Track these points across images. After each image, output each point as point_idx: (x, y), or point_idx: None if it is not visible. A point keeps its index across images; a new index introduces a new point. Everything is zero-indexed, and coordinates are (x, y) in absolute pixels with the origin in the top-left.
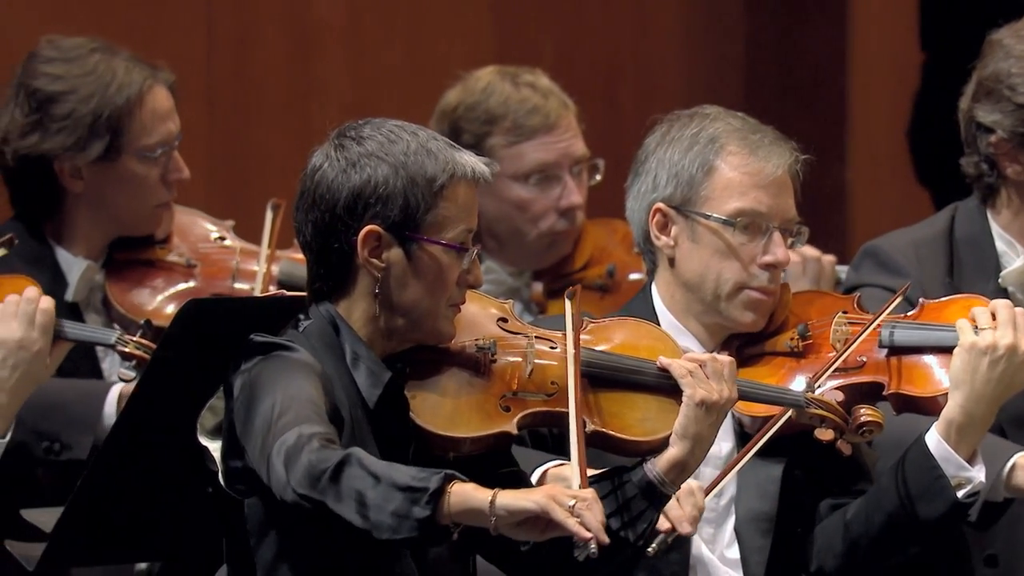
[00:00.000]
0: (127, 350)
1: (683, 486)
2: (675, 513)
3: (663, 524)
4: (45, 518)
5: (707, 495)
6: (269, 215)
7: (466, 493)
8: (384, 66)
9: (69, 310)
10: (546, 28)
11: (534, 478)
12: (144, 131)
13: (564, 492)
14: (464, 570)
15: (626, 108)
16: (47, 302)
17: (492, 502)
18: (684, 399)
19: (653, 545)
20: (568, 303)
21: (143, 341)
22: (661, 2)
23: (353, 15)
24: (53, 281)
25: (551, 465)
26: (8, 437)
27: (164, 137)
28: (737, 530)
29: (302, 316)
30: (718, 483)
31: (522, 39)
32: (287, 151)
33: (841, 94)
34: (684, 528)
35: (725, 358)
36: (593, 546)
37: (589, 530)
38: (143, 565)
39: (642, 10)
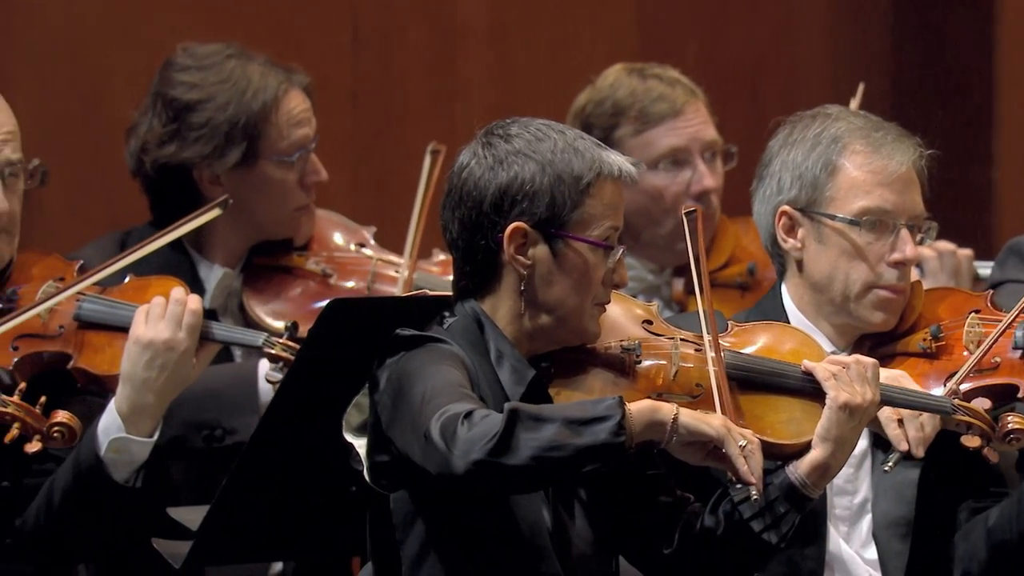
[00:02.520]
0: (274, 352)
1: (925, 413)
2: (914, 434)
3: (902, 445)
4: (191, 516)
5: None
6: (427, 161)
7: (649, 409)
8: (528, 67)
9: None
10: (690, 27)
11: None
12: (280, 135)
13: (737, 429)
14: (607, 570)
15: (770, 106)
16: (195, 303)
17: (675, 418)
18: (827, 401)
19: (890, 463)
20: (686, 221)
21: (290, 343)
22: None
23: (497, 15)
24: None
25: None
26: (155, 437)
27: (300, 140)
28: (875, 534)
29: (447, 313)
30: None
31: (666, 38)
32: None
33: (988, 92)
34: (919, 452)
35: (869, 360)
36: (755, 492)
37: (753, 475)
38: (279, 565)
39: (786, 8)
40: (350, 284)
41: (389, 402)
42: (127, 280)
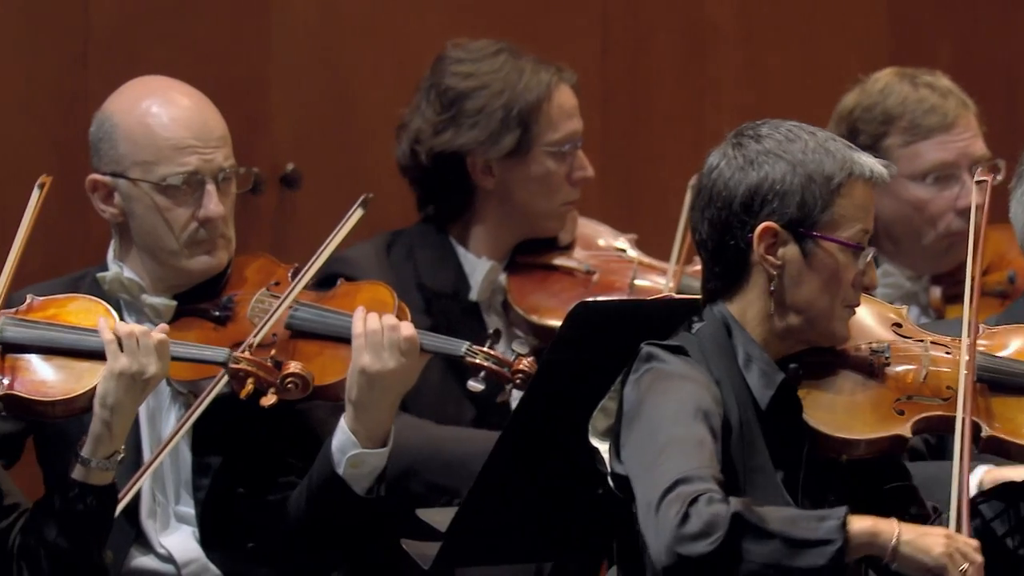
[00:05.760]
0: (476, 361)
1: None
2: None
3: None
4: (440, 517)
5: None
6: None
7: (870, 533)
8: (778, 68)
9: (469, 310)
10: (943, 29)
11: (973, 480)
12: (552, 127)
13: (963, 548)
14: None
15: None
16: (409, 330)
17: (896, 546)
18: None
19: None
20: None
21: (491, 352)
22: None
23: (746, 17)
24: (457, 281)
25: (984, 470)
26: (389, 445)
27: (571, 133)
28: None
29: (696, 317)
30: None
31: (918, 40)
32: (680, 154)
33: None
34: None
35: None
36: None
37: None
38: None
39: None
40: (612, 283)
41: (627, 422)
42: (338, 284)
